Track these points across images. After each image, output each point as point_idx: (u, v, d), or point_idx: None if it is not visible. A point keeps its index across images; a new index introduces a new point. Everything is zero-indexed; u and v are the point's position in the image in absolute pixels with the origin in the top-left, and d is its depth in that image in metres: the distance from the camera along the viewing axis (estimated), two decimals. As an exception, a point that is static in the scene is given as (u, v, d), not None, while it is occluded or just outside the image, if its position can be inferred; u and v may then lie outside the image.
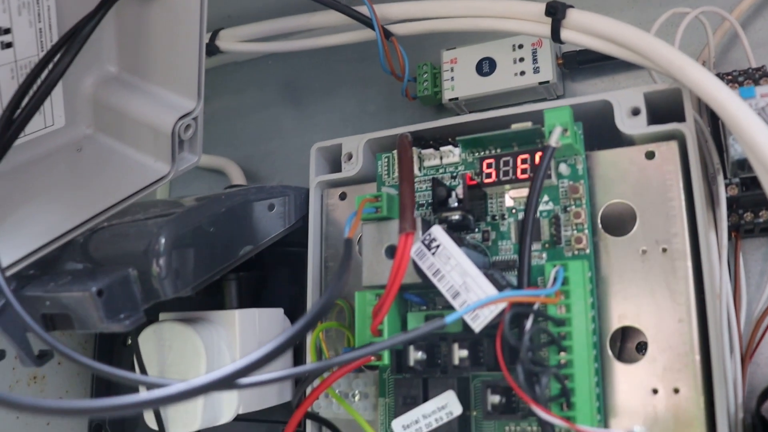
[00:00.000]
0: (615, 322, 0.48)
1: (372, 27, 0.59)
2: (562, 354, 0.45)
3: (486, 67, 0.61)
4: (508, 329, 0.42)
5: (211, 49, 0.68)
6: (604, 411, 0.47)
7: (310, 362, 0.54)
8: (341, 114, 0.72)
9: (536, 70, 0.60)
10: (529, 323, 0.43)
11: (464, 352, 0.46)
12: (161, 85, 0.54)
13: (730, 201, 0.51)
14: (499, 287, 0.45)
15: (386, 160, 0.55)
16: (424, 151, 0.53)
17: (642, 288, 0.48)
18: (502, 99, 0.61)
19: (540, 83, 0.60)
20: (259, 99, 0.77)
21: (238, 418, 0.55)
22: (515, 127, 0.50)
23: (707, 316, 0.46)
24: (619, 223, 0.49)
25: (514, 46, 0.61)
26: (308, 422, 0.55)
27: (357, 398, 0.52)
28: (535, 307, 0.44)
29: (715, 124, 0.52)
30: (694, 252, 0.47)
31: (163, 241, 0.47)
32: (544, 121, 0.47)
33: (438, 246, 0.46)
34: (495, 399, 0.46)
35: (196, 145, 0.56)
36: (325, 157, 0.60)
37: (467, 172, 0.52)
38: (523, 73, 0.60)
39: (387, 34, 0.60)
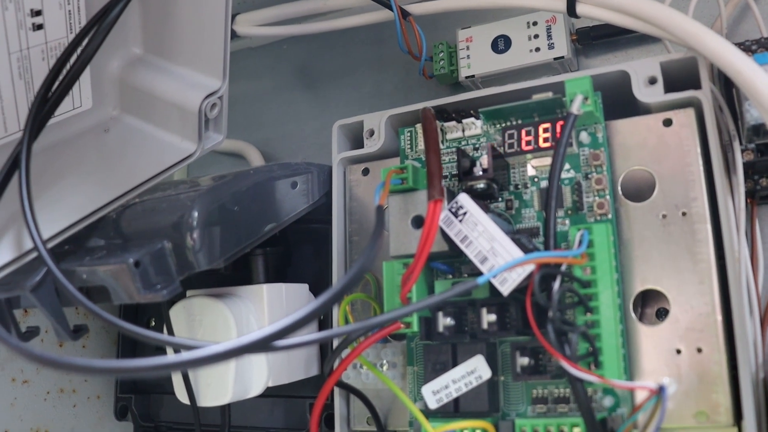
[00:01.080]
0: (638, 285, 0.49)
1: (390, 7, 0.61)
2: (589, 315, 0.46)
3: (501, 44, 0.63)
4: (538, 290, 0.43)
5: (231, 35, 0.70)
6: (629, 371, 0.48)
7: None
8: (358, 95, 0.73)
9: (551, 47, 0.61)
10: (557, 284, 0.45)
11: (492, 317, 0.48)
12: (187, 65, 0.56)
13: (746, 167, 0.53)
14: (526, 250, 0.46)
15: (408, 134, 0.56)
16: (446, 124, 0.54)
17: (663, 252, 0.49)
18: (518, 76, 0.63)
19: (555, 59, 0.61)
20: (275, 83, 0.78)
21: (267, 394, 0.56)
22: (536, 97, 0.51)
23: (728, 278, 0.48)
24: (639, 189, 0.51)
25: (528, 23, 0.62)
26: (336, 394, 0.56)
27: (385, 368, 0.53)
28: (563, 268, 0.45)
29: (729, 92, 0.53)
30: (713, 216, 0.49)
31: (196, 214, 0.49)
32: (566, 90, 0.49)
33: (465, 213, 0.48)
34: (524, 361, 0.47)
35: (221, 124, 0.57)
36: (346, 135, 0.61)
37: (491, 143, 0.54)
38: (538, 49, 0.62)
39: (404, 14, 0.62)
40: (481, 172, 0.50)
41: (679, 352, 0.48)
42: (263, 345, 0.36)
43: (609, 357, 0.45)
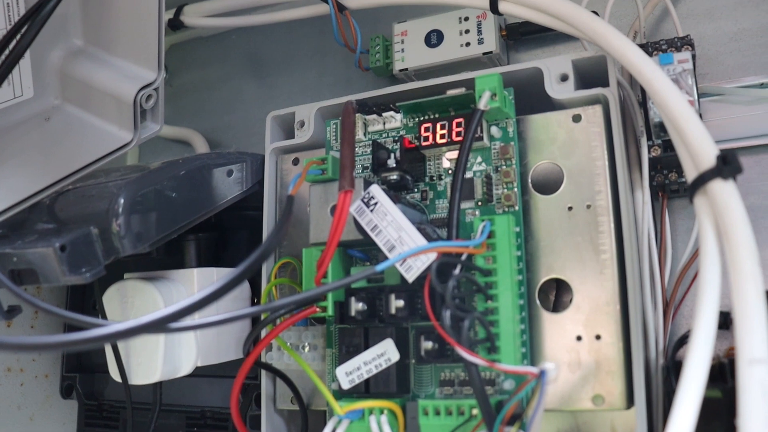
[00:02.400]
0: (543, 274, 0.52)
1: (325, 0, 0.63)
2: (490, 302, 0.49)
3: (434, 38, 0.65)
4: (435, 277, 0.46)
5: (176, 24, 0.72)
6: (531, 356, 0.51)
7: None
8: (301, 86, 0.76)
9: (480, 42, 0.63)
10: (457, 273, 0.47)
11: (400, 303, 0.50)
12: (124, 57, 0.58)
13: (655, 162, 0.55)
14: (430, 240, 0.49)
15: (334, 126, 0.59)
16: (368, 117, 0.56)
17: (568, 242, 0.52)
18: (449, 69, 0.65)
19: (484, 54, 0.63)
20: (223, 72, 0.81)
21: (202, 374, 0.59)
22: (451, 93, 0.54)
23: (626, 269, 0.50)
24: (549, 182, 0.53)
25: (460, 18, 0.64)
26: (263, 374, 0.59)
27: (307, 350, 0.56)
28: (463, 257, 0.48)
29: (643, 90, 0.55)
30: (616, 209, 0.52)
31: (122, 201, 0.51)
32: (475, 87, 0.51)
33: (376, 203, 0.50)
34: (428, 345, 0.50)
35: (158, 115, 0.59)
36: (280, 125, 0.64)
37: (407, 136, 0.56)
38: (468, 44, 0.64)
39: (341, 8, 0.64)
40: (394, 164, 0.52)
41: (579, 338, 0.50)
42: (159, 325, 0.39)
43: (506, 342, 0.48)
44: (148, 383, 0.56)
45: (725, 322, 0.51)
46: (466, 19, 0.64)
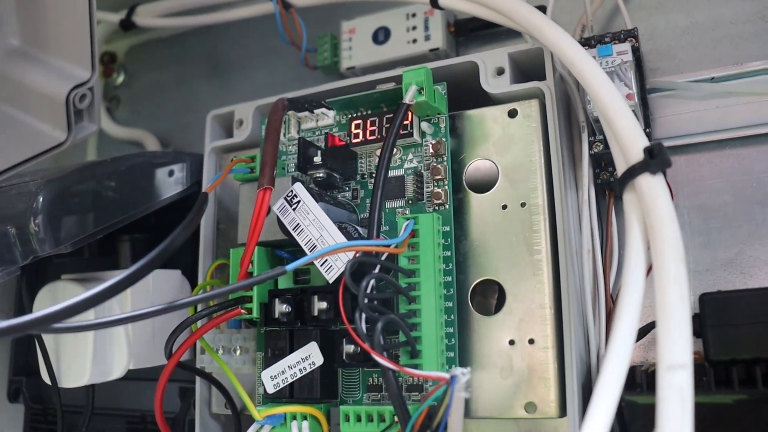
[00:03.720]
0: (476, 276, 0.48)
1: (269, -2, 0.60)
2: (413, 304, 0.45)
3: (381, 36, 0.61)
4: (348, 276, 0.42)
5: (128, 25, 0.69)
6: (461, 361, 0.47)
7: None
8: (255, 85, 0.72)
9: (427, 38, 0.60)
10: (374, 273, 0.43)
11: (324, 305, 0.47)
12: (57, 56, 0.55)
13: (598, 158, 0.51)
14: (351, 239, 0.45)
15: (269, 124, 0.55)
16: (300, 114, 0.53)
17: (502, 242, 0.48)
18: (396, 67, 0.61)
19: (431, 50, 0.60)
20: (181, 73, 0.78)
21: (138, 377, 0.56)
22: (380, 87, 0.50)
23: (560, 271, 0.46)
24: (485, 180, 0.49)
25: (407, 15, 0.61)
26: (197, 378, 0.55)
27: (238, 353, 0.53)
28: (383, 257, 0.44)
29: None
30: (552, 207, 0.47)
31: (40, 200, 0.48)
32: (402, 81, 0.47)
33: (299, 202, 0.47)
34: (350, 348, 0.46)
35: (95, 115, 0.56)
36: (220, 125, 0.60)
37: (338, 133, 0.52)
38: (415, 41, 0.60)
39: (286, 6, 0.61)
40: (320, 162, 0.49)
41: (512, 343, 0.46)
42: (40, 324, 0.36)
43: (428, 346, 0.44)
44: (77, 386, 0.53)
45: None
46: (414, 15, 0.60)
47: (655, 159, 0.39)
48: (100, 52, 0.80)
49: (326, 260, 0.45)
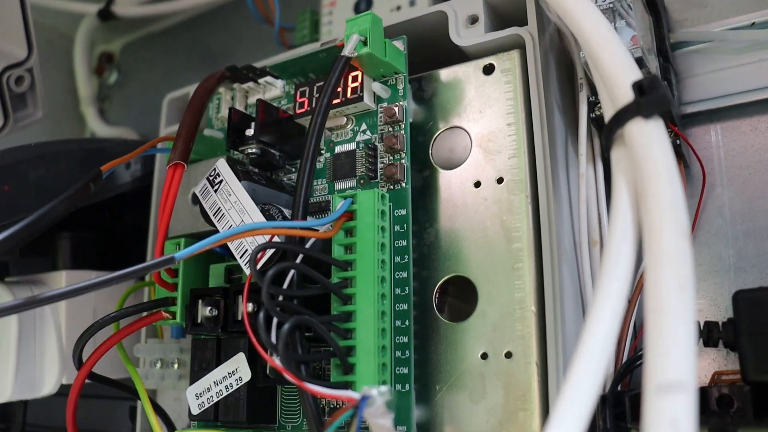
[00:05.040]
0: (443, 272, 0.36)
1: (235, -33, 0.50)
2: (349, 305, 0.33)
3: (363, 5, 0.51)
4: (252, 265, 0.31)
5: (106, 15, 0.62)
6: (420, 379, 0.35)
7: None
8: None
9: (412, 3, 0.49)
10: (289, 263, 0.32)
11: (251, 306, 0.36)
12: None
13: (602, 123, 0.38)
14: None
15: (217, 101, 0.45)
16: (244, 86, 0.43)
17: (474, 229, 0.36)
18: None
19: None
20: (171, 67, 0.69)
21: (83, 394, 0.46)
22: (324, 45, 0.39)
23: (543, 263, 0.34)
24: (455, 152, 0.38)
25: (391, -21, 0.50)
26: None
27: (176, 366, 0.42)
28: (308, 244, 0.33)
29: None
30: (536, 184, 0.35)
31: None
32: (345, 31, 0.37)
33: (221, 182, 0.36)
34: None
35: (38, 100, 0.48)
36: (179, 108, 0.51)
37: (286, 106, 0.42)
38: (399, 8, 0.49)
39: (257, -23, 0.51)
40: (251, 135, 0.38)
41: (485, 356, 0.34)
42: None
43: (364, 359, 0.32)
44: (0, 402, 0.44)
45: (710, 334, 0.34)
46: (398, -21, 0.50)
47: (647, 96, 0.26)
48: (96, 52, 0.73)
49: (246, 251, 0.35)
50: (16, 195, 0.43)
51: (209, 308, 0.37)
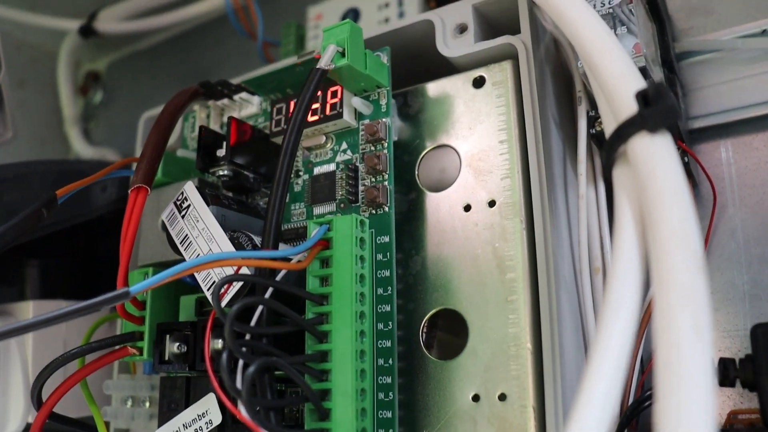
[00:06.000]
0: (430, 305, 0.32)
1: (215, -20, 0.47)
2: (325, 343, 0.29)
3: (351, 18, 0.47)
4: (215, 299, 0.27)
5: (87, 31, 0.58)
6: (403, 423, 0.31)
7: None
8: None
9: (401, 15, 0.45)
10: (256, 298, 0.28)
11: (219, 343, 0.32)
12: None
13: (604, 140, 0.34)
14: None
15: (192, 119, 0.42)
16: (219, 103, 0.39)
17: (464, 257, 0.32)
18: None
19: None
20: (156, 86, 0.66)
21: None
22: (301, 58, 0.36)
23: (540, 296, 0.30)
24: (444, 173, 0.34)
25: (380, -10, 0.47)
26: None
27: (148, 404, 0.39)
28: (279, 276, 0.29)
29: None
30: (531, 207, 0.31)
31: None
32: (322, 42, 0.33)
33: (189, 207, 0.33)
34: (247, 404, 0.31)
35: (7, 119, 0.45)
36: (156, 128, 0.47)
37: (263, 124, 0.38)
38: (387, 20, 0.46)
39: (240, -9, 0.48)
40: (223, 155, 0.35)
41: (476, 398, 0.30)
42: None
43: (340, 402, 0.28)
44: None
45: (726, 373, 0.30)
46: (387, -10, 0.46)
47: (653, 107, 0.23)
48: (83, 71, 0.69)
49: (213, 282, 0.31)
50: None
51: (177, 344, 0.33)
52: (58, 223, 0.42)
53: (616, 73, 0.25)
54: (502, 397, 0.30)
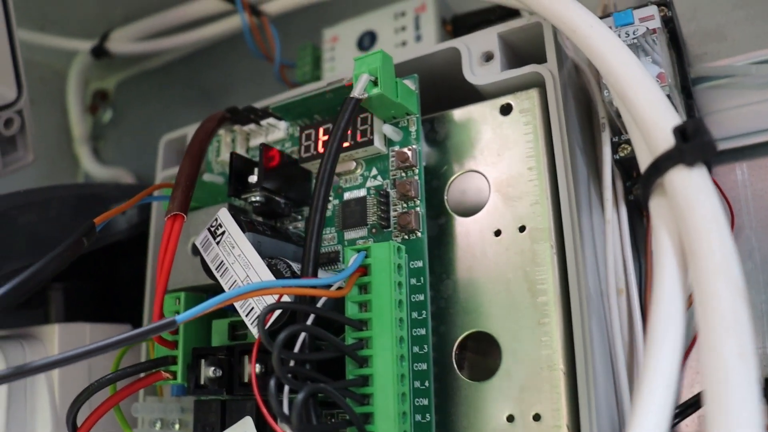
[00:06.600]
0: (462, 328, 0.33)
1: (233, 3, 0.48)
2: (365, 368, 0.30)
3: (367, 41, 0.48)
4: (261, 328, 0.28)
5: (100, 52, 0.59)
6: (440, 445, 0.32)
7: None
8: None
9: (418, 38, 0.46)
10: (301, 325, 0.29)
11: (258, 367, 0.33)
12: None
13: (627, 165, 0.36)
14: (281, 278, 0.31)
15: (217, 143, 0.43)
16: (245, 128, 0.40)
17: (495, 281, 0.33)
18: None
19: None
20: (166, 105, 0.66)
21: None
22: (331, 85, 0.37)
23: (572, 318, 0.31)
24: (472, 198, 0.35)
25: (396, 14, 0.48)
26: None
27: (177, 426, 0.39)
28: (320, 303, 0.30)
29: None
30: (562, 231, 0.32)
31: None
32: (353, 71, 0.34)
33: (223, 233, 0.34)
34: (286, 428, 0.32)
35: (28, 143, 0.45)
36: (177, 150, 0.48)
37: (290, 149, 0.39)
38: (404, 43, 0.47)
39: (256, 13, 0.49)
40: (255, 181, 0.35)
41: (511, 419, 0.31)
42: None
43: (383, 427, 0.29)
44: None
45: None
46: (403, 14, 0.47)
47: (691, 142, 0.24)
48: (90, 90, 0.70)
49: (252, 309, 0.32)
50: (6, 243, 0.40)
51: (213, 368, 0.34)
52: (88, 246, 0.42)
53: (651, 108, 0.26)
54: (537, 418, 0.31)
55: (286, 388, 0.28)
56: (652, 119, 0.26)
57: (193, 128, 0.46)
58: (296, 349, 0.29)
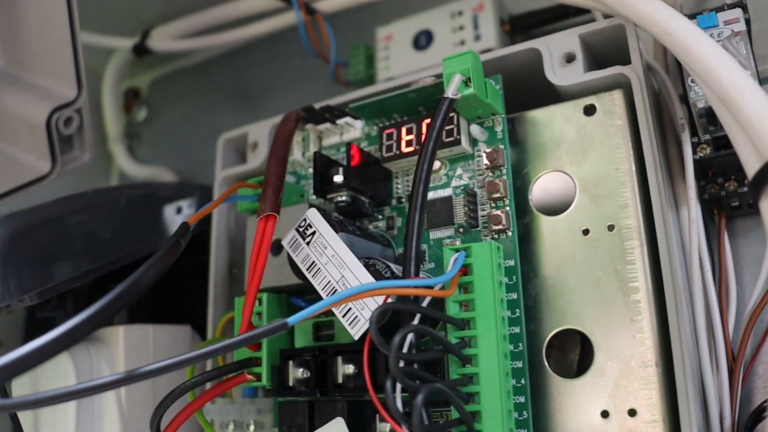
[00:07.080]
0: (552, 326, 0.34)
1: (289, 1, 0.48)
2: (468, 367, 0.31)
3: (423, 40, 0.49)
4: (375, 331, 0.28)
5: (141, 50, 0.59)
6: (536, 442, 0.32)
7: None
8: (283, 110, 0.59)
9: (477, 38, 0.47)
10: (413, 325, 0.30)
11: (351, 368, 0.33)
12: (39, 75, 0.45)
13: (705, 165, 0.37)
14: (381, 279, 0.32)
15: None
16: (320, 128, 0.40)
17: (584, 279, 0.34)
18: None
19: (482, 52, 0.46)
20: (203, 104, 0.66)
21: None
22: (416, 84, 0.37)
23: (668, 314, 0.32)
24: (557, 198, 0.35)
25: (452, 13, 0.48)
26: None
27: (252, 428, 0.39)
28: (424, 303, 0.30)
29: (680, 65, 0.37)
30: (650, 230, 0.33)
31: (-3, 241, 0.37)
32: (443, 71, 0.34)
33: (313, 233, 0.34)
34: (385, 428, 0.32)
35: (85, 142, 0.45)
36: (235, 150, 0.48)
37: (368, 148, 0.39)
38: (463, 42, 0.47)
39: (310, 11, 0.49)
40: (341, 181, 0.36)
41: (606, 415, 0.32)
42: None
43: (491, 424, 0.30)
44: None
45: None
46: (460, 13, 0.48)
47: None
48: (123, 87, 0.69)
49: (350, 310, 0.32)
50: (62, 248, 0.39)
51: (301, 370, 0.34)
52: (146, 247, 0.42)
53: (759, 113, 0.27)
54: (632, 413, 0.31)
55: (398, 387, 0.28)
56: (762, 124, 0.27)
57: (252, 127, 0.46)
58: (404, 349, 0.29)
